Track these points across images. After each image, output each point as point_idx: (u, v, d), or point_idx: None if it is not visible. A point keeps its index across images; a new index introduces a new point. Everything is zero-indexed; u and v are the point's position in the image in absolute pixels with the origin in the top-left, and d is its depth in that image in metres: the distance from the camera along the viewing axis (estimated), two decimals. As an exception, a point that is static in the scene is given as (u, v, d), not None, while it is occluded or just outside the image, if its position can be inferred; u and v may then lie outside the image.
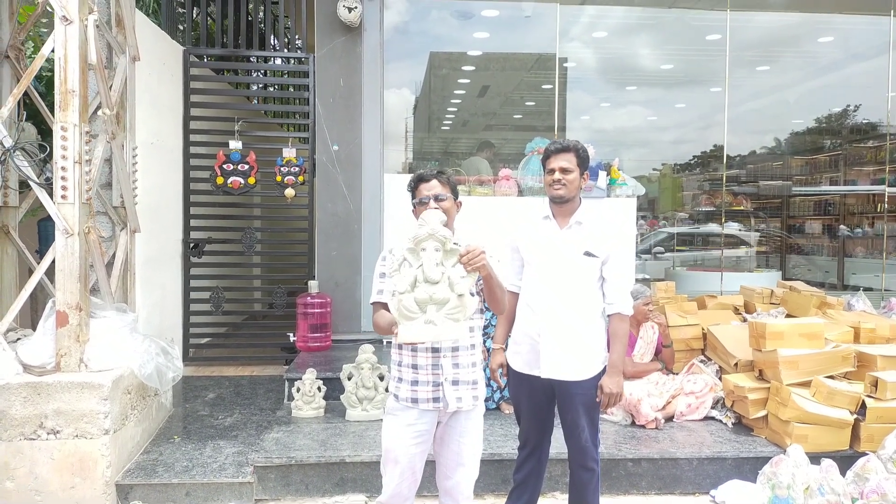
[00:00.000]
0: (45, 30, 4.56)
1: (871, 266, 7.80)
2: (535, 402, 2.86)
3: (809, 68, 8.23)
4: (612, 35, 7.60)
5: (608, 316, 2.77)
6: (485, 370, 4.30)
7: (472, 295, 2.27)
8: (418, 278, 2.16)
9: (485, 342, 4.40)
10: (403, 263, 2.21)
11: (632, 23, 7.50)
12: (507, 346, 2.96)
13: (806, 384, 3.86)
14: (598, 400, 2.73)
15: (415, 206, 2.53)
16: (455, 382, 2.42)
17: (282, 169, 5.67)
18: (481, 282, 2.42)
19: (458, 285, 2.17)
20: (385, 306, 2.43)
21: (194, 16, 5.88)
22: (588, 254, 2.71)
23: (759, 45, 7.46)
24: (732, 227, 7.80)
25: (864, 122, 8.56)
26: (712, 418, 4.22)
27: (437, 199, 2.46)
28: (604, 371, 2.75)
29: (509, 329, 2.96)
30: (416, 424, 2.44)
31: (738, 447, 3.80)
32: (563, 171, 2.71)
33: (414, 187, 2.55)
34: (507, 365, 2.91)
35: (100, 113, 3.85)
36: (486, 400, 4.36)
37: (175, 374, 3.94)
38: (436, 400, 2.42)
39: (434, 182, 2.50)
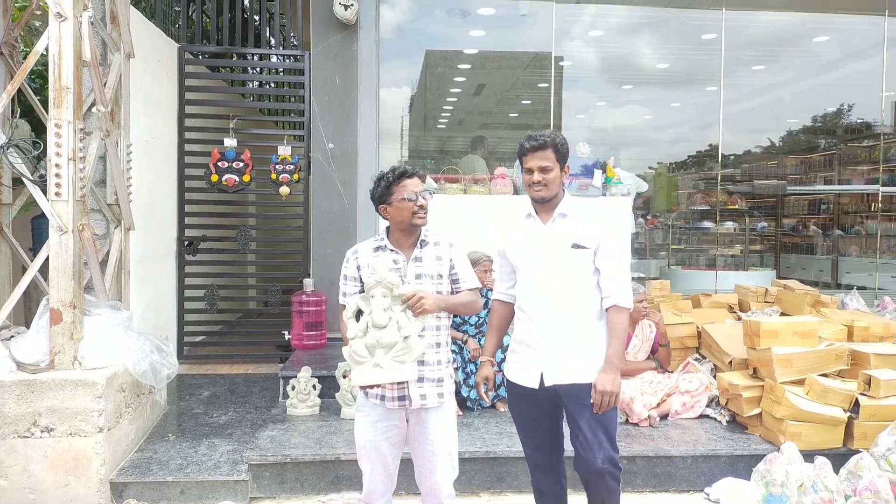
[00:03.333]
0: (39, 22, 4.54)
1: (865, 265, 7.83)
2: (537, 417, 2.64)
3: (804, 68, 8.26)
4: (608, 34, 7.60)
5: (605, 309, 2.55)
6: (468, 366, 4.32)
7: (420, 336, 2.34)
8: (369, 324, 2.25)
9: (479, 340, 4.40)
10: (357, 313, 2.29)
11: (628, 22, 7.50)
12: (498, 359, 2.86)
13: (800, 382, 3.88)
14: (591, 401, 2.46)
15: (393, 202, 2.46)
16: (420, 380, 2.42)
17: (277, 167, 5.66)
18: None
19: (404, 328, 2.23)
20: None
21: (189, 13, 5.86)
22: (576, 246, 2.51)
23: (754, 44, 7.48)
24: (727, 226, 7.82)
25: (858, 121, 8.58)
26: (707, 416, 4.24)
27: (423, 196, 2.46)
28: None
29: (498, 340, 2.78)
30: (384, 421, 2.46)
31: (733, 445, 3.81)
32: (542, 170, 2.52)
33: (395, 182, 2.46)
34: (505, 378, 2.75)
35: (94, 110, 3.84)
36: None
37: (170, 372, 3.93)
38: (401, 398, 2.43)
39: (417, 180, 2.48)
